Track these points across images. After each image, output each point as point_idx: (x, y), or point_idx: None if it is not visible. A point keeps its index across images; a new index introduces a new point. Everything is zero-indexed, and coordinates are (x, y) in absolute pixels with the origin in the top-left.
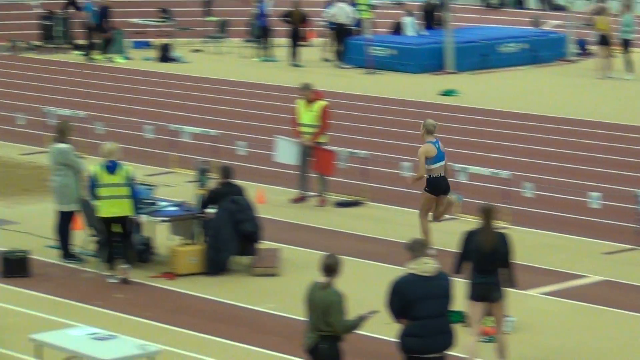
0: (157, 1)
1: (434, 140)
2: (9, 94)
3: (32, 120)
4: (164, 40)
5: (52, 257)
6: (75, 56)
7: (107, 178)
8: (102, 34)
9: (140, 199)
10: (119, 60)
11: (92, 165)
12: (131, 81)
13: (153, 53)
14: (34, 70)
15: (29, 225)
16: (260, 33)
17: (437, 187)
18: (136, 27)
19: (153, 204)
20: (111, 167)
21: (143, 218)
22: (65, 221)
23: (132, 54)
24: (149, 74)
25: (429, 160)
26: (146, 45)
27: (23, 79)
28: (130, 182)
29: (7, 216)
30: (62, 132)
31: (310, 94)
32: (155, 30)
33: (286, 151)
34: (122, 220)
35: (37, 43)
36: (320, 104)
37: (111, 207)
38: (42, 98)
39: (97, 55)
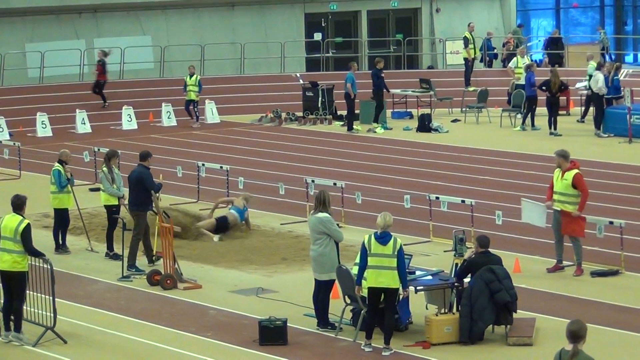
0: (418, 72)
1: None
2: (272, 164)
3: (293, 190)
4: (424, 110)
5: (309, 325)
6: (336, 127)
7: (377, 248)
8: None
9: (407, 272)
10: (379, 131)
11: (365, 235)
12: (390, 151)
13: (413, 123)
14: (296, 141)
15: (287, 293)
16: (525, 102)
17: None
18: (396, 98)
19: (411, 273)
20: (383, 238)
21: (410, 290)
22: (322, 290)
23: (391, 124)
24: (408, 143)
25: None
26: (406, 115)
27: (285, 150)
28: (399, 254)
29: (266, 284)
30: (322, 202)
31: (563, 163)
32: (415, 100)
33: (532, 213)
34: (387, 291)
35: (299, 114)
36: (572, 172)
37: (378, 277)
38: (303, 168)
39: (357, 126)
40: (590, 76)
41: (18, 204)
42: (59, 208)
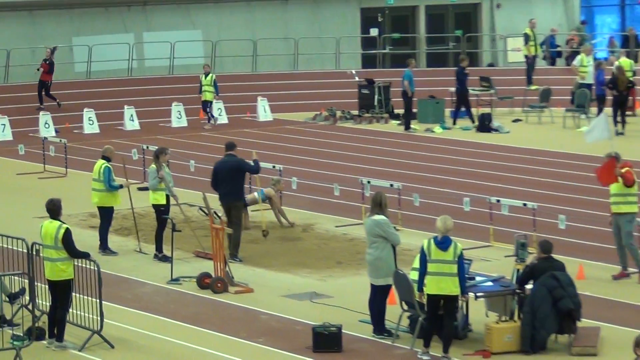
0: (478, 69)
1: None
2: (326, 164)
3: (348, 191)
4: (484, 110)
5: (365, 332)
6: (393, 126)
7: (437, 254)
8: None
9: (467, 277)
10: (437, 130)
11: (424, 240)
12: (449, 151)
13: (471, 122)
14: (351, 140)
15: (342, 299)
16: (593, 101)
17: None
18: (455, 96)
19: (471, 278)
20: (443, 243)
21: (470, 296)
22: (379, 295)
23: (450, 123)
24: (467, 144)
25: None
26: (465, 114)
27: (340, 149)
28: (460, 260)
29: (320, 289)
30: (378, 204)
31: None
32: (476, 99)
33: (595, 130)
34: (447, 298)
35: (355, 112)
36: (622, 171)
37: (439, 284)
38: (359, 169)
39: (415, 125)
40: None
41: (54, 210)
42: (105, 206)
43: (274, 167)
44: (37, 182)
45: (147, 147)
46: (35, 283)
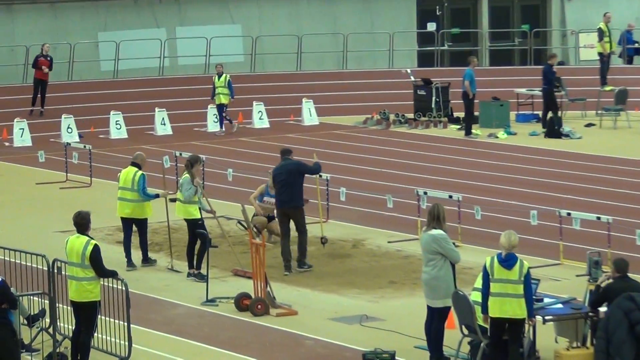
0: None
1: None
2: (378, 173)
3: (402, 203)
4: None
5: (421, 358)
6: (452, 130)
7: (501, 273)
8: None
9: (534, 299)
10: (501, 136)
11: (487, 257)
12: (515, 159)
13: (540, 127)
14: (406, 147)
15: (396, 322)
16: None
17: None
18: (522, 98)
19: (539, 300)
20: (508, 261)
21: (538, 320)
22: (436, 318)
23: (516, 128)
24: (534, 151)
25: None
26: (533, 118)
27: (394, 157)
28: (526, 280)
29: (372, 312)
30: (436, 217)
31: None
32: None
33: None
34: (512, 321)
35: (410, 115)
36: None
37: (502, 306)
38: (414, 178)
39: (476, 130)
40: None
41: (82, 224)
42: (139, 218)
43: (320, 176)
44: (59, 193)
45: (181, 154)
46: (57, 304)
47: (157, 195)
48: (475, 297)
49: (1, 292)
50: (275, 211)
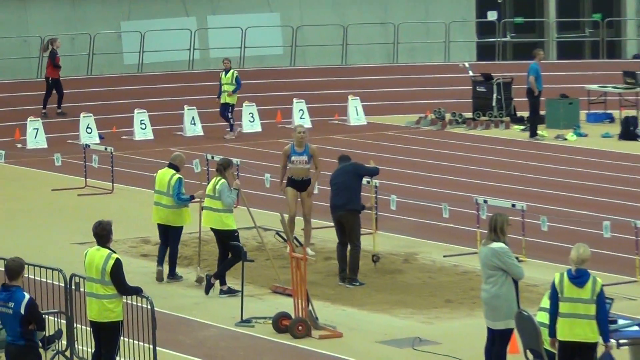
0: (621, 62)
1: None
2: (433, 179)
3: (459, 212)
4: (629, 112)
5: None
6: (515, 131)
7: (571, 291)
8: None
9: (608, 320)
10: (570, 137)
11: (556, 274)
12: (585, 164)
13: (614, 128)
14: (463, 150)
15: (452, 346)
16: None
17: None
18: (593, 95)
19: (612, 322)
20: (579, 278)
21: (612, 344)
22: (497, 342)
23: (587, 129)
24: (608, 154)
25: None
26: (605, 118)
27: (450, 161)
28: (599, 299)
29: (426, 334)
30: (496, 229)
31: None
32: (618, 99)
33: None
34: (583, 346)
35: (468, 115)
36: None
37: (573, 329)
38: (473, 185)
39: (542, 132)
40: None
41: (103, 235)
42: (173, 226)
43: (368, 182)
44: (77, 200)
45: (212, 158)
46: (75, 324)
47: (192, 197)
48: (542, 318)
49: (30, 312)
50: (304, 174)
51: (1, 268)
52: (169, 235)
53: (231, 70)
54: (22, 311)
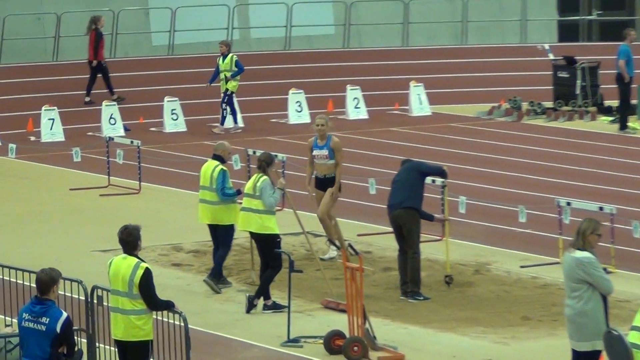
0: None
1: None
2: (508, 178)
3: (538, 216)
4: None
5: None
6: (603, 123)
7: None
8: None
9: None
10: None
11: None
12: None
13: None
14: (543, 144)
15: None
16: None
17: None
18: None
19: None
20: None
21: None
22: None
23: None
24: None
25: None
26: None
27: (527, 157)
28: None
29: (500, 356)
30: (582, 235)
31: None
32: None
33: None
34: None
35: (548, 104)
36: None
37: None
38: (554, 185)
39: (634, 123)
40: None
41: (130, 241)
42: (222, 225)
43: (433, 181)
44: (99, 201)
45: (254, 153)
46: (97, 344)
47: (238, 192)
48: (634, 338)
49: (66, 332)
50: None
51: (15, 280)
52: (219, 235)
53: (229, 55)
54: (58, 330)
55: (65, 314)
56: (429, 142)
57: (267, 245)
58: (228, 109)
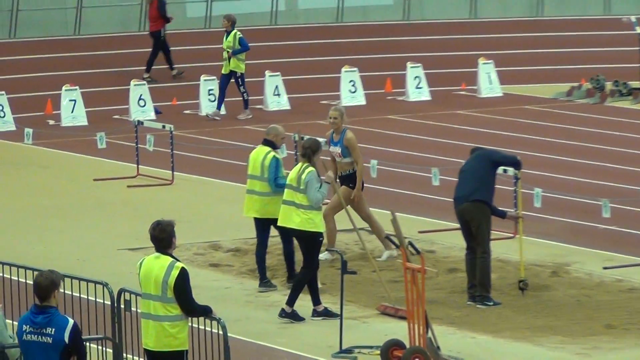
0: None
1: None
2: (590, 169)
3: (624, 211)
4: None
5: None
6: None
7: None
8: None
9: None
10: None
11: None
12: None
13: None
14: (630, 129)
15: None
16: None
17: None
18: None
19: None
20: None
21: None
22: None
23: None
24: None
25: None
26: None
27: (612, 143)
28: None
29: None
30: None
31: None
32: None
33: None
34: None
35: (635, 84)
36: None
37: None
38: None
39: None
40: None
41: (162, 239)
42: (272, 218)
43: (505, 171)
44: (127, 193)
45: (303, 138)
46: (125, 355)
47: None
48: None
49: (75, 341)
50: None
51: (31, 282)
52: (281, 234)
53: (233, 32)
54: (66, 339)
55: (71, 321)
56: (499, 127)
57: (310, 243)
58: (244, 92)
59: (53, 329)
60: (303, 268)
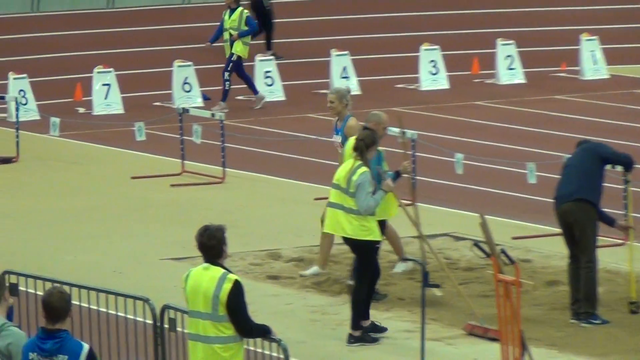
0: None
1: None
2: None
3: None
4: None
5: None
6: None
7: None
8: None
9: None
10: None
11: None
12: None
13: None
14: None
15: None
16: None
17: None
18: None
19: None
20: None
21: None
22: None
23: None
24: None
25: None
26: None
27: None
28: None
29: None
30: None
31: None
32: None
33: None
34: None
35: None
36: None
37: None
38: None
39: None
40: None
41: (212, 246)
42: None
43: (614, 166)
44: (170, 193)
45: (405, 133)
46: None
47: (397, 174)
48: None
49: None
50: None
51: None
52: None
53: (239, 9)
54: None
55: (86, 346)
56: (605, 115)
57: (365, 252)
58: (230, 80)
59: (66, 357)
60: (356, 283)
